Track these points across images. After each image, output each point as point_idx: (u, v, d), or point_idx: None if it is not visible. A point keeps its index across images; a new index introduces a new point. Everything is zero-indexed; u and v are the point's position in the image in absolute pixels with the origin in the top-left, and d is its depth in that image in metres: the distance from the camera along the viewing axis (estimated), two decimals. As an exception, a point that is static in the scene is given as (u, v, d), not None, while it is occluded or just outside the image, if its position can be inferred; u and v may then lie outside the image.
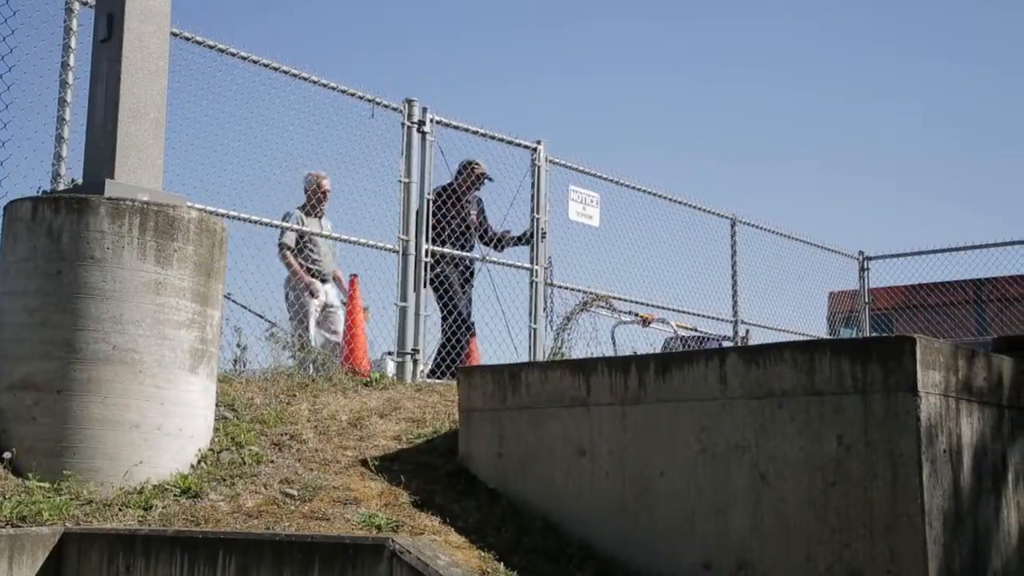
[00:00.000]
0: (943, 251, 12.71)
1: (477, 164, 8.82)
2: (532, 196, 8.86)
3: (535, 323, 8.64)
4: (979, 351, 4.81)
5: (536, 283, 8.68)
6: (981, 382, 4.65)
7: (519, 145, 8.83)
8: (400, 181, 7.96)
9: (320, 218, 8.48)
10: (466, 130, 8.46)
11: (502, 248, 9.01)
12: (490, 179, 8.88)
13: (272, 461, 5.34)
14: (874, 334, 12.33)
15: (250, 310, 7.27)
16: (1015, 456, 4.84)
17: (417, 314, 7.90)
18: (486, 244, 8.91)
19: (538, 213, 8.81)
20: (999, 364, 4.84)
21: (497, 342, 8.67)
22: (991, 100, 44.34)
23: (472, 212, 8.82)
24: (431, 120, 8.12)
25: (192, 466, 5.26)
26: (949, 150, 44.63)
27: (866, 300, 13.01)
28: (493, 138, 8.68)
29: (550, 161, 9.04)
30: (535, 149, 8.88)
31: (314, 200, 8.42)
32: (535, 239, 8.74)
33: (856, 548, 4.23)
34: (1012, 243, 12.21)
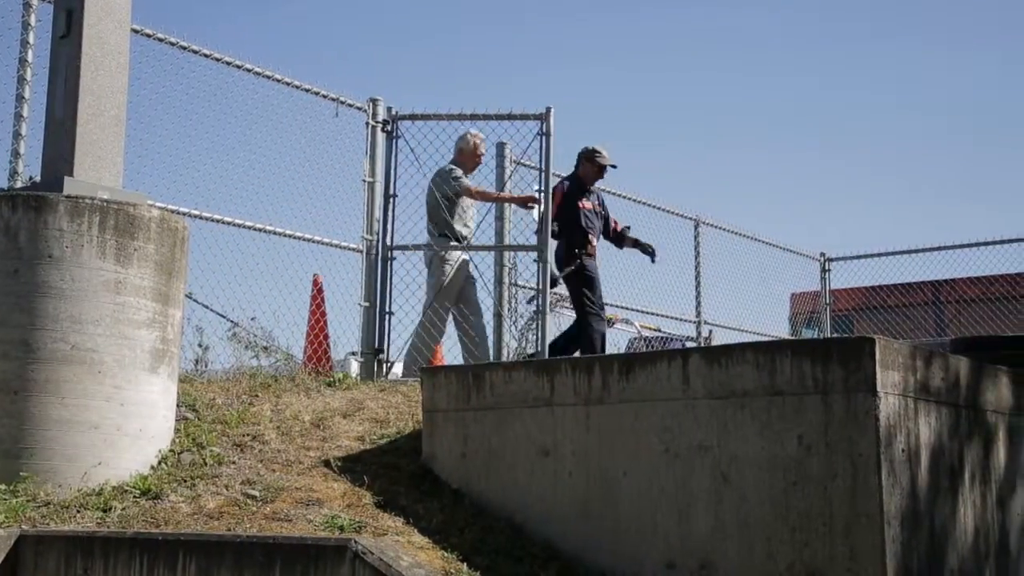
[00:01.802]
0: (903, 253, 12.87)
1: (600, 153, 8.43)
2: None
3: (511, 323, 8.64)
4: (937, 352, 4.87)
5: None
6: (939, 382, 4.72)
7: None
8: (364, 180, 7.92)
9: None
10: (438, 117, 8.14)
11: (622, 245, 8.81)
12: (614, 166, 8.50)
13: (234, 462, 5.29)
14: (835, 335, 12.45)
15: (212, 309, 7.20)
16: (971, 456, 4.91)
17: (382, 313, 7.87)
18: (607, 238, 8.69)
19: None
20: (956, 365, 4.91)
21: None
22: (956, 105, 44.95)
23: (597, 203, 8.55)
24: (394, 116, 8.07)
25: (152, 467, 5.21)
26: (910, 155, 45.17)
27: (827, 301, 13.14)
28: (488, 116, 8.35)
29: (514, 161, 9.03)
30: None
31: (471, 163, 8.26)
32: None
33: (816, 547, 4.27)
34: (969, 245, 12.38)
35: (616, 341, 10.43)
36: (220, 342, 7.25)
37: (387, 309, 7.92)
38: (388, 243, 7.97)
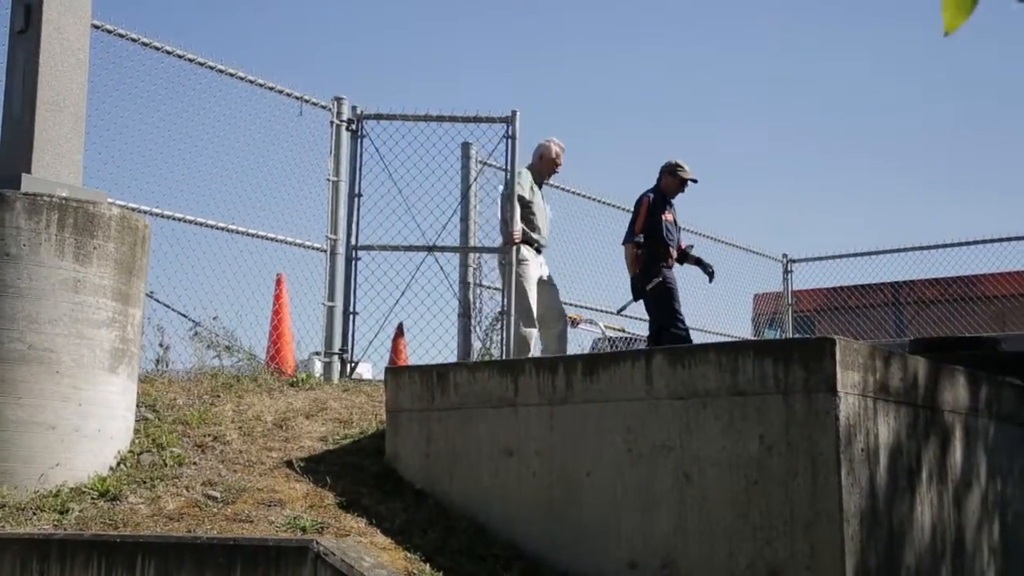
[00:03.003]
0: (863, 254, 13.03)
1: (682, 167, 8.47)
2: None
3: (476, 323, 8.64)
4: (896, 352, 4.93)
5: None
6: (898, 383, 4.77)
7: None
8: (328, 179, 7.89)
9: (541, 187, 8.22)
10: (403, 117, 8.17)
11: (684, 262, 8.75)
12: (695, 180, 8.51)
13: (194, 463, 5.25)
14: (797, 335, 12.57)
15: (173, 309, 7.14)
16: (929, 455, 4.97)
17: (346, 313, 7.84)
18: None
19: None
20: (915, 365, 4.97)
21: (430, 342, 8.64)
22: (913, 107, 45.52)
23: (676, 216, 8.56)
24: (359, 116, 8.05)
25: (111, 468, 5.15)
26: (870, 157, 45.68)
27: (789, 302, 13.26)
28: (427, 118, 8.37)
29: (480, 162, 9.03)
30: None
31: (548, 169, 8.20)
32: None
33: (776, 546, 4.31)
34: (928, 247, 12.56)
35: (580, 341, 10.46)
36: (181, 342, 7.19)
37: (351, 309, 7.89)
38: (353, 243, 7.94)
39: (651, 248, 8.26)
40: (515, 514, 4.99)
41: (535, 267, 8.00)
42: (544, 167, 8.12)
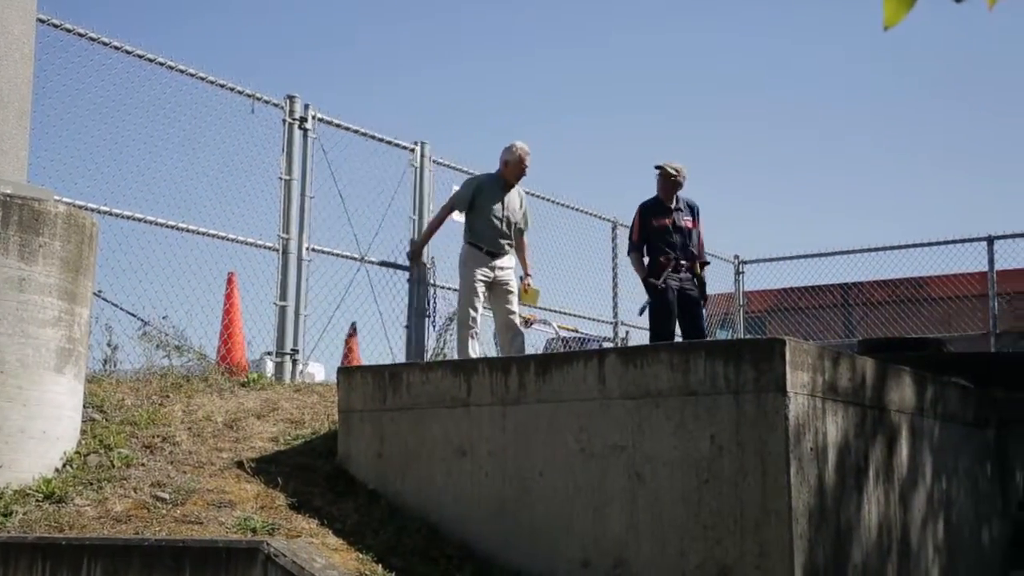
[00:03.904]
0: (813, 256, 13.21)
1: (660, 166, 8.28)
2: (413, 197, 8.83)
3: (430, 323, 8.67)
4: (845, 353, 5.00)
5: (413, 282, 8.66)
6: (846, 383, 4.84)
7: (398, 146, 8.79)
8: (281, 178, 7.82)
9: (507, 192, 8.07)
10: (347, 129, 8.37)
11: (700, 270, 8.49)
12: (657, 166, 8.29)
13: (143, 464, 5.17)
14: (748, 336, 12.69)
15: (122, 308, 7.03)
16: (876, 454, 5.05)
17: (297, 313, 7.78)
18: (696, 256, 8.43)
19: (414, 214, 8.78)
20: (863, 366, 5.04)
21: (378, 342, 8.61)
22: (861, 111, 46.19)
23: (682, 219, 8.29)
24: (313, 117, 8.01)
25: (57, 470, 5.06)
26: (819, 158, 46.28)
27: (741, 303, 13.39)
28: (373, 138, 8.59)
29: (434, 161, 9.02)
30: (413, 150, 8.86)
31: (514, 174, 8.06)
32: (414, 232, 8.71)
33: (727, 545, 4.34)
34: (876, 249, 12.75)
35: (534, 342, 10.47)
36: (130, 341, 7.08)
37: (303, 309, 7.84)
38: (305, 242, 7.88)
39: (652, 256, 8.26)
40: (468, 514, 4.99)
41: (481, 271, 7.87)
42: (510, 172, 8.09)
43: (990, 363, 8.97)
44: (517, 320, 8.11)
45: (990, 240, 11.92)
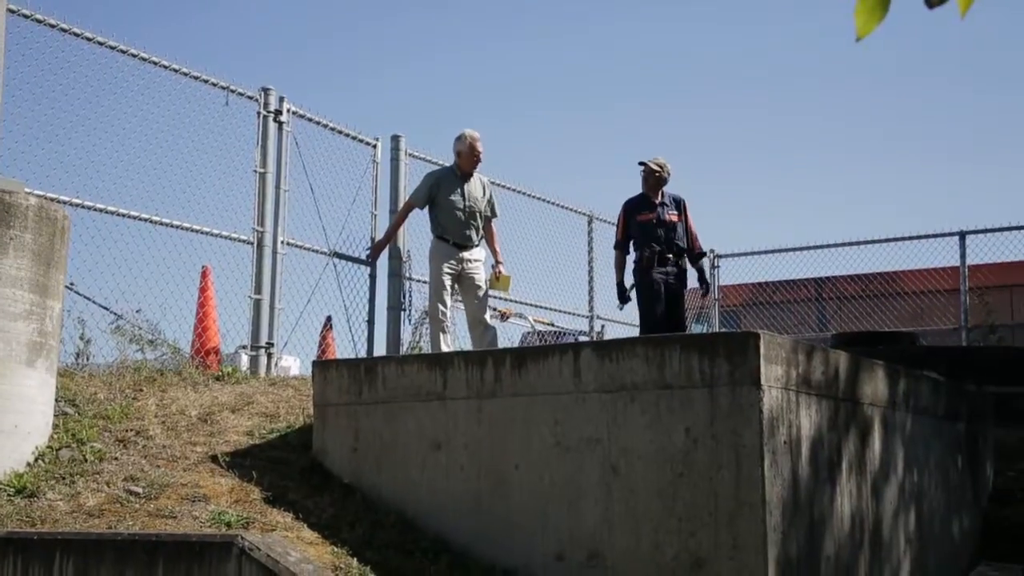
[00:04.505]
0: (788, 250, 13.29)
1: (643, 163, 8.34)
2: (374, 192, 8.82)
3: (405, 316, 8.68)
4: (818, 347, 5.03)
5: (375, 277, 8.66)
6: (819, 376, 4.87)
7: (361, 141, 8.78)
8: (255, 171, 7.78)
9: (466, 182, 7.99)
10: (317, 123, 8.35)
11: (694, 263, 8.50)
12: (645, 165, 8.32)
13: (116, 458, 5.14)
14: (723, 330, 12.75)
15: (94, 302, 6.96)
16: (849, 447, 5.09)
17: (272, 307, 7.74)
18: (688, 252, 8.46)
19: (375, 209, 8.77)
20: (836, 359, 5.08)
21: (350, 336, 8.58)
22: (838, 105, 46.45)
23: (667, 214, 8.31)
24: (288, 110, 7.97)
25: (29, 464, 5.01)
26: (796, 154, 46.52)
27: (716, 297, 13.44)
28: (339, 132, 8.56)
29: (411, 155, 9.01)
30: (374, 146, 8.87)
31: (468, 164, 7.97)
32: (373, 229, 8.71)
33: (701, 537, 4.37)
34: (850, 244, 12.85)
35: (509, 335, 10.46)
36: (103, 335, 7.02)
37: (277, 302, 7.80)
38: (280, 235, 7.85)
39: (637, 251, 8.31)
40: (443, 507, 4.99)
41: (448, 264, 7.81)
42: (464, 161, 8.04)
43: (961, 357, 9.06)
44: (488, 315, 8.10)
45: (962, 235, 12.04)
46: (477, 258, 7.98)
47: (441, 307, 7.78)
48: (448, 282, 7.84)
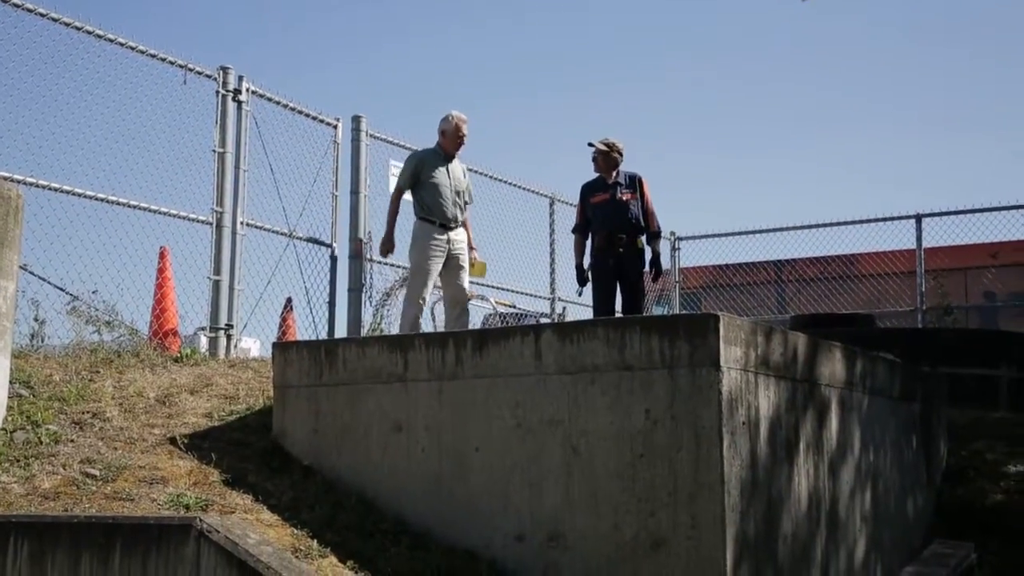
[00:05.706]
0: (748, 233, 13.41)
1: (591, 143, 8.31)
2: (335, 173, 8.79)
3: (367, 298, 8.65)
4: (777, 328, 5.08)
5: (336, 258, 8.63)
6: (778, 357, 4.92)
7: (321, 121, 8.73)
8: (214, 151, 7.70)
9: (450, 162, 7.85)
10: (277, 103, 8.28)
11: (650, 243, 8.34)
12: (590, 144, 8.30)
13: (72, 440, 5.08)
14: (684, 311, 12.84)
15: (49, 282, 6.86)
16: (807, 427, 5.15)
17: (231, 288, 7.68)
18: (646, 229, 8.32)
19: (336, 190, 8.73)
20: (795, 341, 5.13)
21: (311, 317, 8.54)
22: (797, 86, 46.77)
23: (621, 193, 8.24)
24: (247, 89, 7.88)
25: (-18, 447, 4.94)
26: (754, 136, 46.82)
27: (677, 279, 13.53)
28: (300, 112, 8.51)
29: (372, 136, 8.96)
30: (335, 127, 8.82)
31: (452, 145, 7.83)
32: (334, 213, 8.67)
33: (660, 517, 4.40)
34: (809, 227, 12.97)
35: (472, 317, 10.45)
36: (58, 316, 6.93)
37: (237, 284, 7.74)
38: (240, 215, 7.78)
39: (594, 233, 8.29)
40: (404, 489, 4.99)
41: (437, 245, 7.64)
42: (448, 142, 7.94)
43: (916, 339, 9.19)
44: (467, 297, 8.04)
45: (918, 218, 12.21)
46: (461, 238, 7.86)
47: (424, 292, 7.62)
48: (436, 267, 7.65)
